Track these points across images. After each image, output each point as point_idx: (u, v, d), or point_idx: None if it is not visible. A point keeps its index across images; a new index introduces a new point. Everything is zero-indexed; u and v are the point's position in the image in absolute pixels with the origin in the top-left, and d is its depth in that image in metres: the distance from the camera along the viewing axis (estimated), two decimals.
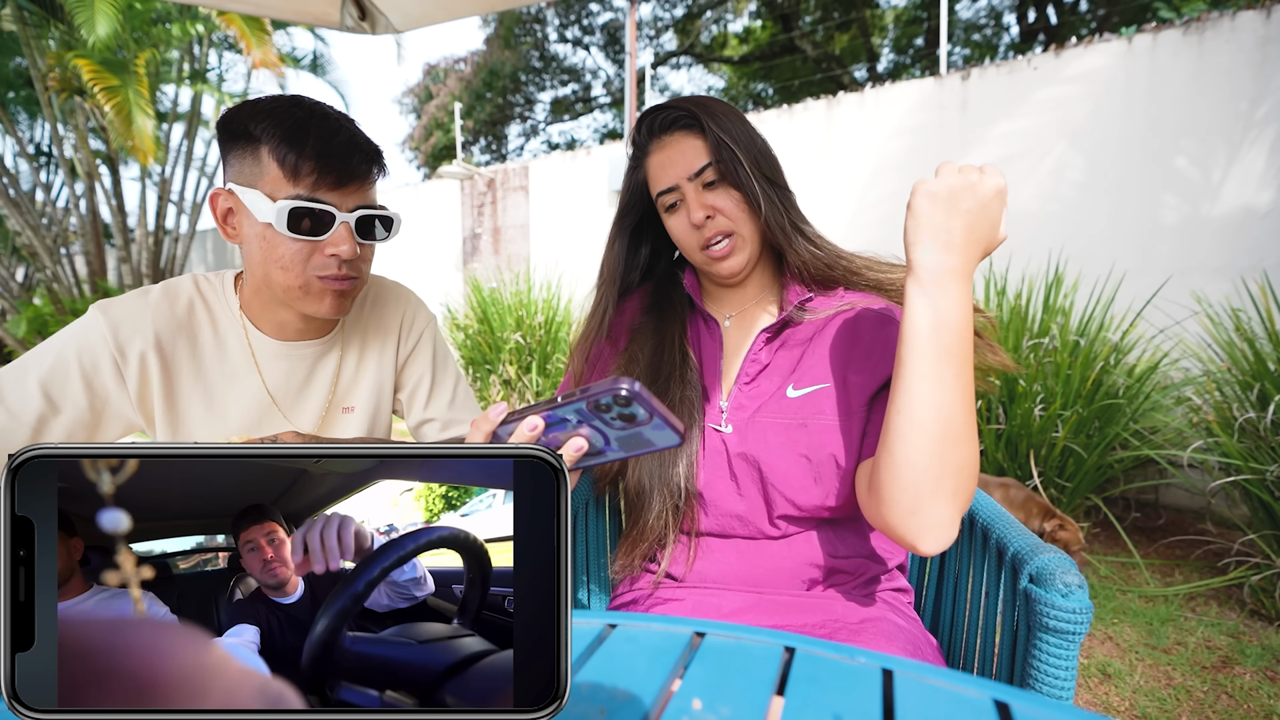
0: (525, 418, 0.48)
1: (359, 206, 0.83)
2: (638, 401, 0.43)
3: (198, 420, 0.89)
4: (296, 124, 0.78)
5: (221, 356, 0.90)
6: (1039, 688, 0.69)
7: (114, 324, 0.83)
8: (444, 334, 5.41)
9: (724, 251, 0.83)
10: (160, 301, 0.87)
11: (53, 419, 0.80)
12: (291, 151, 0.78)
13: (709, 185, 0.82)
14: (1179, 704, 1.68)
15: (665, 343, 0.88)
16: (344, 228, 0.82)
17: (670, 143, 0.84)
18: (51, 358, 0.81)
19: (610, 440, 0.47)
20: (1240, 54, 3.34)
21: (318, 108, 0.82)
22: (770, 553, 0.81)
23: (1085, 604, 0.68)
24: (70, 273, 7.77)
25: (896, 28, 12.65)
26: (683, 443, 0.46)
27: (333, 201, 0.81)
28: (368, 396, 1.00)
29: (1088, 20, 10.08)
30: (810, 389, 0.80)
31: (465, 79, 15.36)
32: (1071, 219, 3.78)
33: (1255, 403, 2.17)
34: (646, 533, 0.82)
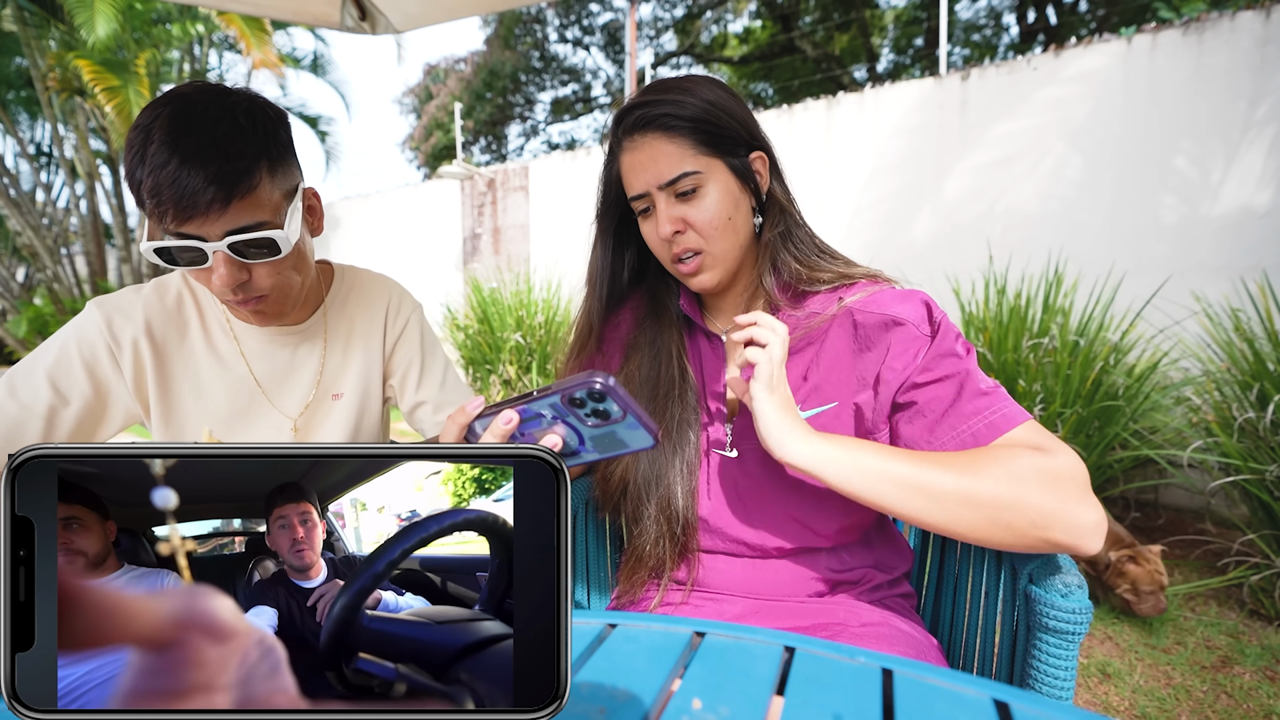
0: (501, 411, 0.49)
1: (230, 231, 0.74)
2: (611, 396, 0.42)
3: (189, 409, 0.91)
4: (135, 154, 0.71)
5: (210, 347, 0.93)
6: (1039, 687, 0.69)
7: (108, 315, 0.86)
8: (432, 324, 5.43)
9: (692, 268, 0.77)
10: (151, 295, 0.90)
11: (63, 410, 0.84)
12: (134, 191, 0.72)
13: (682, 195, 0.75)
14: (1178, 704, 1.68)
15: (662, 359, 0.83)
16: (219, 256, 0.75)
17: (642, 144, 0.75)
18: (56, 351, 0.85)
19: (585, 439, 0.47)
20: (1239, 54, 3.35)
21: (159, 120, 0.70)
22: (776, 568, 0.79)
23: (1085, 604, 0.68)
24: (71, 273, 7.77)
25: (896, 28, 12.65)
26: (656, 445, 0.46)
27: (198, 234, 0.73)
28: (356, 383, 1.00)
29: (1087, 20, 10.08)
30: (819, 409, 0.76)
31: (465, 79, 15.36)
32: (1071, 219, 3.78)
33: (1255, 403, 2.17)
34: (645, 558, 0.80)
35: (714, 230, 0.75)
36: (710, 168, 0.75)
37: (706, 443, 0.81)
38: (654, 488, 0.79)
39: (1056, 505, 0.60)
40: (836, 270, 0.79)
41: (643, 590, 0.84)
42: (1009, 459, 0.63)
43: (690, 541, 0.80)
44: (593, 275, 0.88)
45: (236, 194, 0.73)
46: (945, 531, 0.63)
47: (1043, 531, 0.60)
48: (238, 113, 0.74)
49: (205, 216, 0.72)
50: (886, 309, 0.74)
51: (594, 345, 0.88)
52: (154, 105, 0.73)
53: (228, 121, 0.73)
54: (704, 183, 0.74)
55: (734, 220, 0.76)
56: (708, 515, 0.79)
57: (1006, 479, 0.61)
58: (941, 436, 0.69)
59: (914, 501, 0.62)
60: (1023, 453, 0.63)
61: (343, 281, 1.03)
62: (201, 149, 0.70)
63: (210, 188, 0.70)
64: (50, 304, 7.37)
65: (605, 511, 0.90)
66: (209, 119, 0.72)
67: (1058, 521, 0.60)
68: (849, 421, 0.75)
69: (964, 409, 0.69)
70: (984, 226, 4.01)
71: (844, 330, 0.76)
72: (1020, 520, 0.61)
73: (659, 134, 0.74)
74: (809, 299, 0.79)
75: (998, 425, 0.67)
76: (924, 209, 4.29)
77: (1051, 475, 0.62)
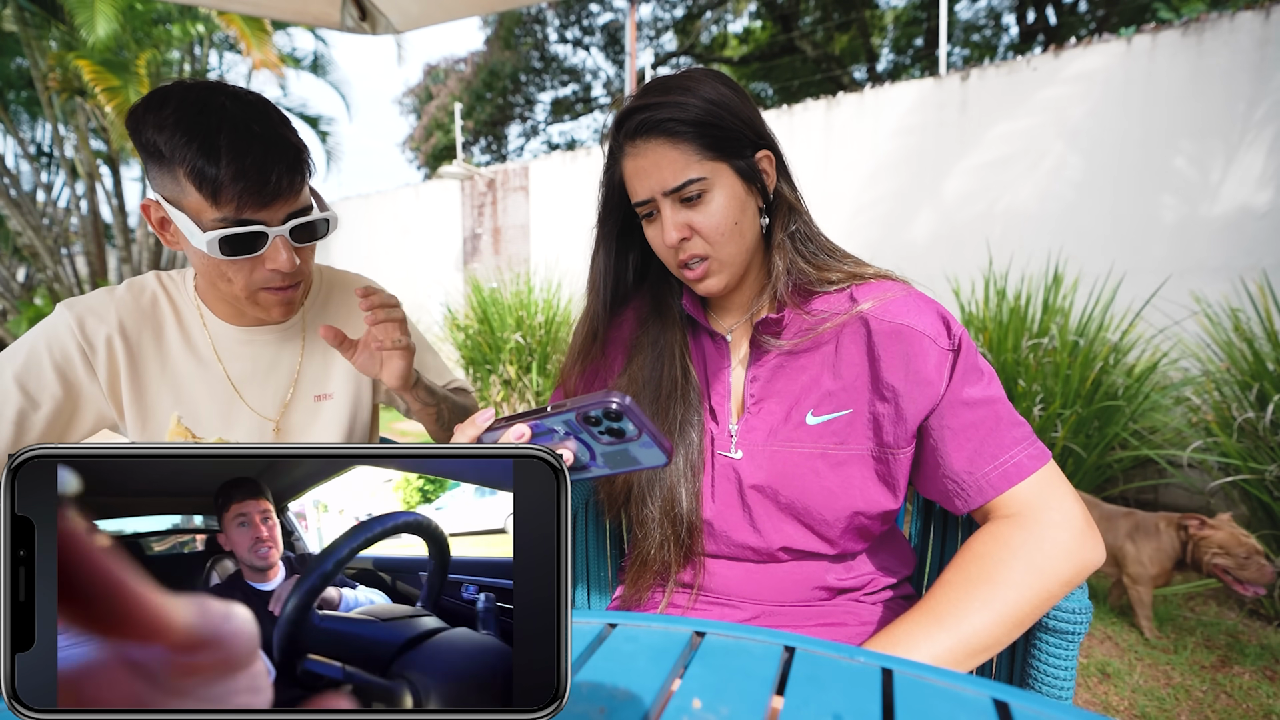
0: (512, 425, 0.48)
1: (290, 215, 0.80)
2: (628, 416, 0.42)
3: (165, 411, 0.89)
4: (207, 142, 0.73)
5: (186, 347, 0.91)
6: (1039, 687, 0.69)
7: (79, 316, 0.84)
8: (432, 324, 5.30)
9: (698, 274, 0.75)
10: (124, 295, 0.89)
11: (33, 414, 0.82)
12: (207, 179, 0.73)
13: (687, 201, 0.73)
14: (1178, 703, 1.68)
15: (665, 359, 0.81)
16: (279, 241, 0.79)
17: (645, 150, 0.73)
18: (24, 354, 0.82)
19: (596, 455, 0.47)
20: (1239, 55, 3.35)
21: (227, 113, 0.74)
22: (780, 573, 0.78)
23: (1085, 604, 0.68)
24: (71, 273, 7.77)
25: (896, 28, 12.65)
26: (669, 463, 0.46)
27: (261, 219, 0.77)
28: (345, 384, 0.99)
29: (1087, 21, 10.08)
30: (832, 415, 0.74)
31: (465, 79, 15.35)
32: (1070, 219, 3.78)
33: (1254, 403, 2.17)
34: (650, 562, 0.79)
35: (721, 236, 0.73)
36: (716, 172, 0.73)
37: (711, 445, 0.80)
38: (657, 490, 0.78)
39: (1075, 570, 0.66)
40: (847, 270, 0.77)
41: (648, 595, 0.83)
42: (1021, 548, 0.66)
43: (695, 544, 0.79)
44: (595, 280, 0.86)
45: (299, 182, 0.79)
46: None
47: (1073, 588, 0.67)
48: (270, 109, 0.79)
49: (275, 201, 0.77)
50: (901, 318, 0.72)
51: (599, 350, 0.87)
52: (193, 97, 0.75)
53: (275, 115, 0.79)
54: (710, 188, 0.73)
55: (740, 224, 0.75)
56: (711, 518, 0.78)
57: (1026, 572, 0.65)
58: (983, 466, 0.70)
59: (980, 658, 0.63)
60: (1030, 536, 0.67)
61: (321, 283, 1.03)
62: (274, 141, 0.76)
63: (290, 173, 0.77)
64: (50, 304, 7.37)
65: (610, 516, 0.89)
66: (263, 114, 0.77)
67: (1081, 577, 0.67)
68: (864, 431, 0.74)
69: (1004, 439, 0.70)
70: (984, 226, 4.01)
71: (857, 336, 0.74)
72: (1056, 596, 0.66)
73: (662, 139, 0.72)
74: (815, 298, 0.77)
75: (1038, 457, 0.70)
76: (923, 209, 4.29)
77: (1063, 548, 0.66)
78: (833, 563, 0.78)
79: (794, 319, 0.77)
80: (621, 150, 0.76)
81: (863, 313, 0.74)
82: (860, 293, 0.75)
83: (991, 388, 0.72)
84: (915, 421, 0.72)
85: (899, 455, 0.73)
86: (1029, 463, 0.69)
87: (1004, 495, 0.69)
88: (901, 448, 0.73)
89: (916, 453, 0.74)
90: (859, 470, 0.74)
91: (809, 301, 0.77)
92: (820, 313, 0.76)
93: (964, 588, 0.64)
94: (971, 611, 0.62)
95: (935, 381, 0.70)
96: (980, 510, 0.72)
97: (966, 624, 0.62)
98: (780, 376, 0.78)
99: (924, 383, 0.70)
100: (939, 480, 0.73)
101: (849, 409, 0.74)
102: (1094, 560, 0.67)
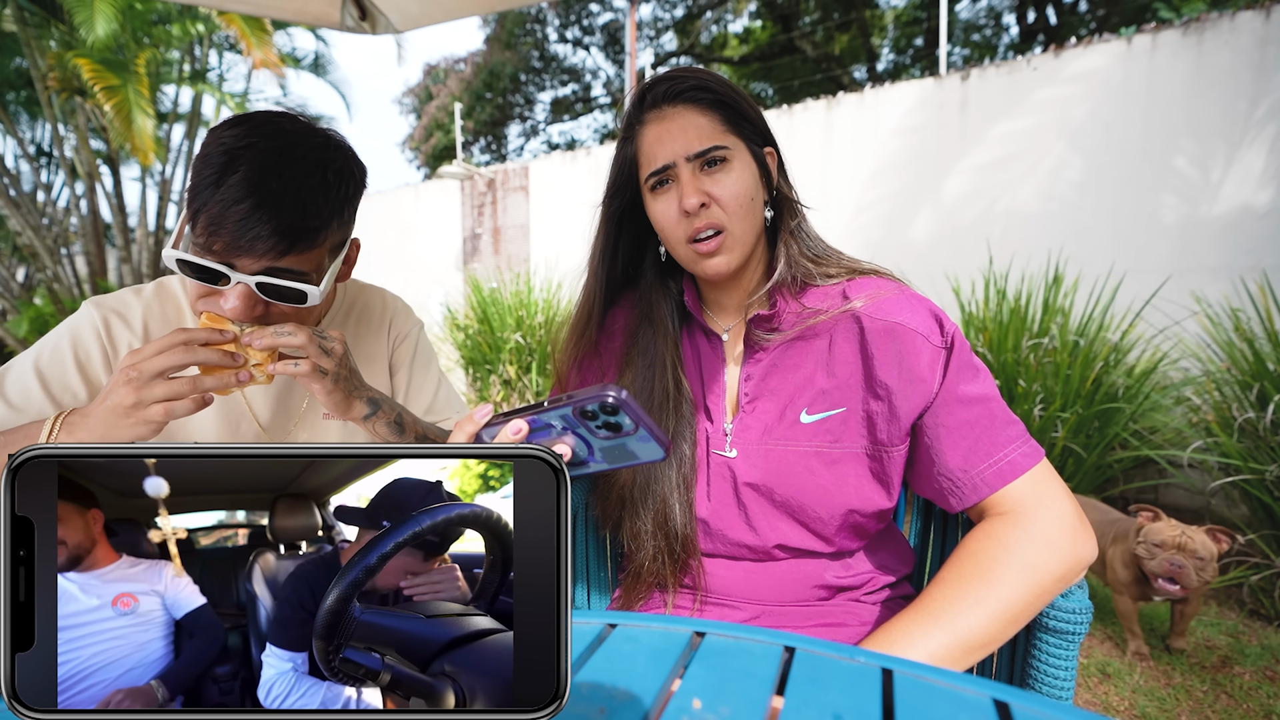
0: (510, 421, 0.48)
1: (269, 271, 0.72)
2: (625, 410, 0.42)
3: (179, 420, 0.88)
4: (213, 174, 0.69)
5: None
6: (1039, 687, 0.69)
7: (105, 316, 0.84)
8: (432, 324, 5.19)
9: (711, 247, 0.74)
10: (152, 299, 0.88)
11: (53, 411, 0.81)
12: (196, 201, 0.70)
13: (710, 167, 0.73)
14: (1178, 703, 1.68)
15: (656, 371, 0.81)
16: (242, 288, 0.72)
17: (672, 115, 0.74)
18: (49, 351, 0.83)
19: (594, 450, 0.47)
20: (1239, 54, 3.35)
21: (251, 152, 0.69)
22: (780, 573, 0.78)
23: (1085, 604, 0.68)
24: (71, 273, 7.77)
25: (896, 28, 12.64)
26: (667, 458, 0.46)
27: (230, 263, 0.71)
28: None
29: (1087, 20, 10.08)
30: (826, 414, 0.74)
31: (465, 79, 15.35)
32: (1071, 219, 3.78)
33: (1254, 403, 2.17)
34: (644, 575, 0.79)
35: (739, 207, 0.73)
36: (736, 147, 0.75)
37: (705, 445, 0.80)
38: (650, 503, 0.78)
39: (1069, 567, 0.66)
40: (844, 265, 0.80)
41: (646, 603, 0.83)
42: (1015, 545, 0.66)
43: (690, 558, 0.79)
44: (594, 258, 0.85)
45: (296, 249, 0.72)
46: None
47: (1067, 585, 0.68)
48: (329, 169, 0.73)
49: (245, 256, 0.70)
50: (894, 316, 0.73)
51: (594, 331, 0.86)
52: (247, 129, 0.71)
53: (317, 175, 0.72)
54: (731, 158, 0.74)
55: (755, 203, 0.76)
56: (707, 517, 0.78)
57: (1020, 569, 0.65)
58: (978, 464, 0.70)
59: (976, 656, 0.63)
60: (1024, 533, 0.67)
61: (344, 299, 1.00)
62: (283, 199, 0.69)
63: (274, 237, 0.69)
64: (50, 304, 7.36)
65: (606, 529, 0.89)
66: (301, 168, 0.71)
67: (1074, 572, 0.67)
68: (858, 429, 0.74)
69: (999, 437, 0.70)
70: (984, 226, 4.01)
71: (850, 334, 0.75)
72: (1051, 593, 0.66)
73: (690, 106, 0.74)
74: (808, 292, 0.78)
75: (1032, 455, 0.70)
76: (924, 209, 4.29)
77: (1056, 545, 0.66)
78: (830, 560, 0.78)
79: (788, 314, 0.77)
80: (641, 121, 0.77)
81: (855, 311, 0.74)
82: (853, 289, 0.76)
83: (986, 385, 0.72)
84: (909, 419, 0.72)
85: (893, 453, 0.73)
86: (1023, 461, 0.69)
87: (998, 493, 0.69)
88: (895, 445, 0.73)
89: (911, 450, 0.75)
90: (853, 468, 0.74)
91: (803, 296, 0.78)
92: (813, 307, 0.77)
93: (959, 585, 0.65)
94: (966, 609, 0.63)
95: (929, 379, 0.71)
96: (974, 508, 0.72)
97: (962, 621, 0.62)
98: (774, 375, 0.78)
99: (917, 380, 0.71)
100: (933, 478, 0.73)
101: (843, 407, 0.74)
102: (1087, 556, 0.67)
